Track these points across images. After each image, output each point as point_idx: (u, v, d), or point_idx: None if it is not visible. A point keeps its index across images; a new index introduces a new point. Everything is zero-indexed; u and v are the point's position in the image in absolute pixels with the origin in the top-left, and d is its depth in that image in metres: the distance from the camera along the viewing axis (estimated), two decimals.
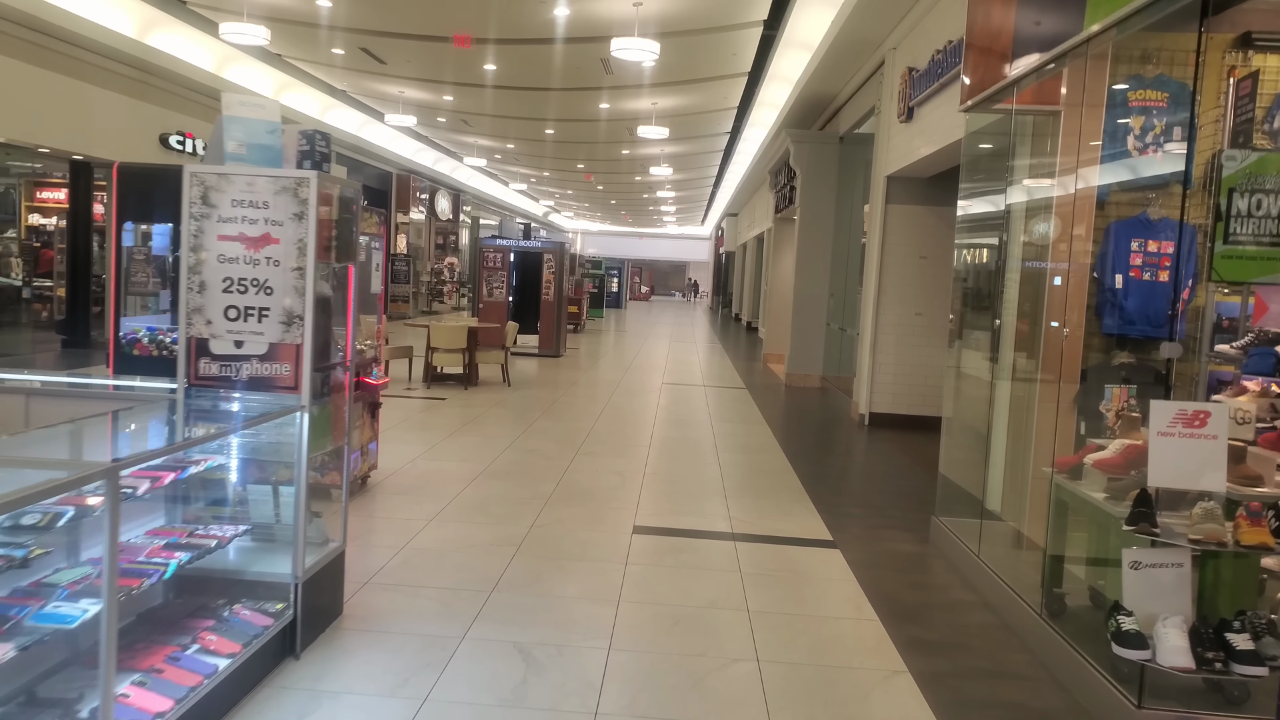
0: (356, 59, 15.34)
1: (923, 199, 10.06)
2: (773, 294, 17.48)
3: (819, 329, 13.61)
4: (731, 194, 28.66)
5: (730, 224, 34.62)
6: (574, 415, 9.77)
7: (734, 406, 11.23)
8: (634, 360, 16.64)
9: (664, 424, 9.52)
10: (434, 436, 8.03)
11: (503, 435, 8.29)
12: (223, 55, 14.75)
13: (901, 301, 10.19)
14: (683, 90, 16.28)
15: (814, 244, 13.57)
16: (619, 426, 9.21)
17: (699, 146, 22.87)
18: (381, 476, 6.42)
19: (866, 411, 10.21)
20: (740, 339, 24.35)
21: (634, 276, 55.73)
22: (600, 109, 18.16)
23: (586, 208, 45.75)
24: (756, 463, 7.79)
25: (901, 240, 10.19)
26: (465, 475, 6.63)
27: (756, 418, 10.29)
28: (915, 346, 10.14)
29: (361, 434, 5.99)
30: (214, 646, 3.02)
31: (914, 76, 8.91)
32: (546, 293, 15.83)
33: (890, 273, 10.21)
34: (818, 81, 12.35)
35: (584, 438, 8.38)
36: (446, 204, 29.65)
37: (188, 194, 3.39)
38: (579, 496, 6.25)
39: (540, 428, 8.85)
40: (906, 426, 9.93)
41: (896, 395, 10.18)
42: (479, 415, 9.33)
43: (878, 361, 10.21)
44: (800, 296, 13.69)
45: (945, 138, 7.75)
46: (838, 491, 7.02)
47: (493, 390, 11.25)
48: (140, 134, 13.18)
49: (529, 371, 13.72)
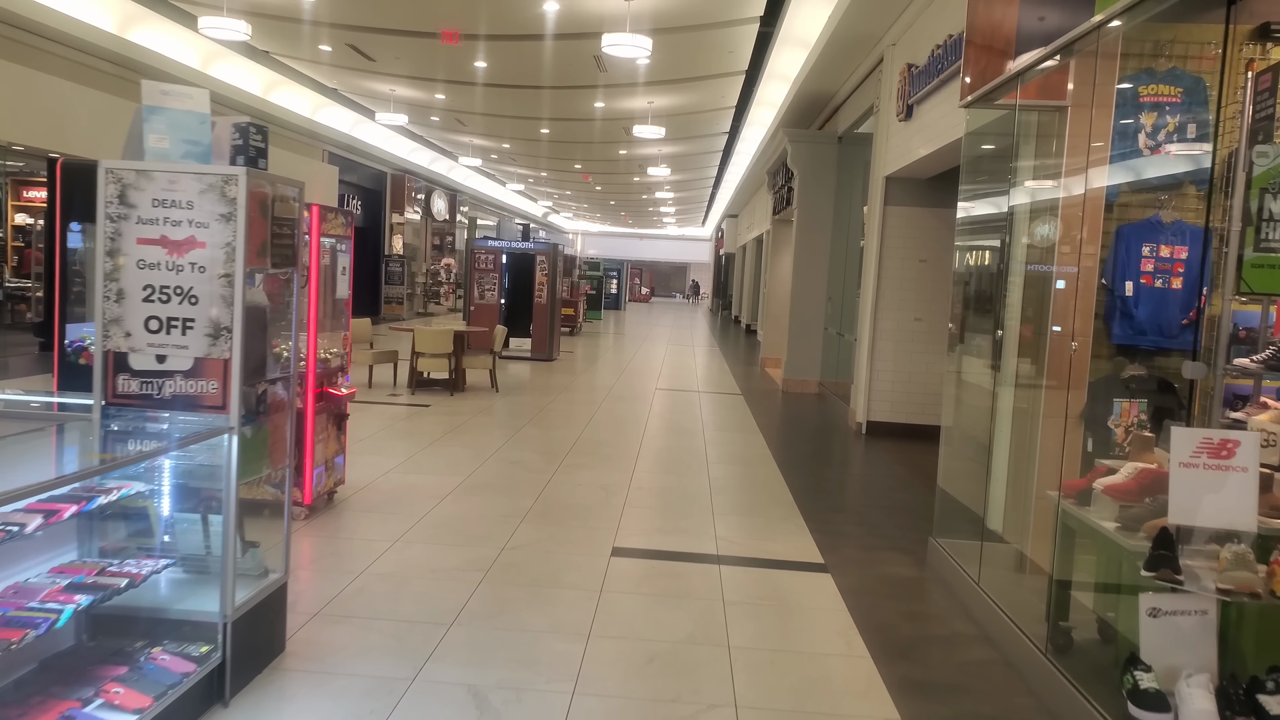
0: (345, 56, 15.03)
1: (922, 200, 9.73)
2: (771, 297, 17.16)
3: (817, 334, 13.28)
4: (731, 195, 28.34)
5: (730, 225, 34.30)
6: (562, 423, 9.44)
7: (728, 414, 10.91)
8: (629, 364, 16.32)
9: (655, 432, 9.19)
10: (412, 447, 7.70)
11: (485, 445, 7.97)
12: (208, 52, 14.45)
13: (900, 306, 9.86)
14: (679, 89, 15.96)
15: (812, 246, 13.24)
16: (608, 435, 8.88)
17: (697, 147, 22.55)
18: (350, 492, 6.10)
19: (864, 420, 9.88)
20: (739, 342, 24.03)
21: (634, 278, 55.43)
22: (595, 108, 17.84)
23: (586, 209, 45.44)
24: (749, 475, 7.46)
25: (900, 243, 9.86)
26: (439, 490, 6.30)
27: (751, 426, 9.96)
28: (914, 353, 9.81)
29: (327, 447, 5.68)
30: (119, 701, 2.69)
31: (913, 73, 8.59)
32: (539, 295, 15.50)
33: (889, 276, 9.88)
34: (815, 79, 12.03)
35: (570, 448, 8.06)
36: (443, 204, 29.34)
37: (103, 192, 3.08)
38: (558, 514, 5.93)
39: (526, 437, 8.52)
40: (905, 436, 9.60)
41: (895, 403, 9.85)
42: (462, 423, 9.01)
43: (876, 368, 9.88)
44: (798, 300, 13.36)
45: (945, 136, 7.42)
46: (832, 507, 6.69)
47: (480, 396, 10.93)
48: (121, 132, 12.82)
49: (520, 376, 13.40)
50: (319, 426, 5.54)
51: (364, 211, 23.93)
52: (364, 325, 11.54)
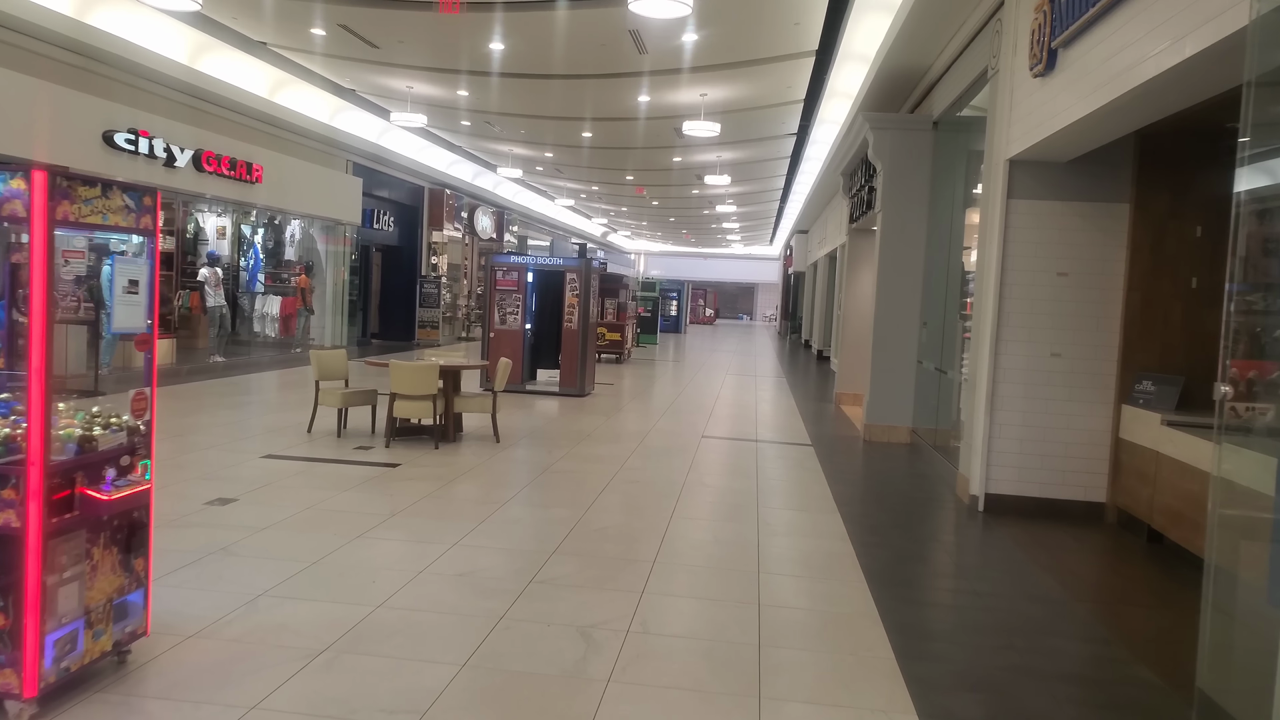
0: (342, 42, 12.97)
1: (1063, 191, 7.07)
2: (847, 321, 14.48)
3: (907, 368, 10.58)
4: (800, 207, 25.70)
5: (800, 242, 31.58)
6: (565, 494, 7.00)
7: (794, 479, 8.31)
8: (676, 400, 13.80)
9: (689, 512, 6.67)
10: (323, 544, 5.33)
11: (437, 537, 5.56)
12: (197, 44, 12.55)
13: (1031, 337, 7.17)
14: (736, 76, 13.49)
15: (900, 258, 10.59)
16: (620, 518, 6.39)
17: (760, 152, 20.02)
18: (163, 646, 3.73)
19: (981, 492, 7.19)
20: (809, 371, 21.30)
21: (697, 299, 52.98)
22: (639, 103, 15.50)
23: (645, 226, 43.17)
24: (822, 605, 4.88)
25: (1031, 250, 7.19)
26: (316, 638, 3.90)
27: (824, 501, 7.35)
28: (1052, 401, 7.11)
29: (93, 586, 3.33)
30: None
31: (1056, 5, 5.97)
32: (568, 319, 13.12)
33: (1015, 296, 7.21)
34: (903, 51, 9.46)
35: (559, 542, 5.60)
36: (489, 221, 27.35)
37: None
38: (494, 699, 3.46)
39: (504, 520, 6.09)
40: (1043, 516, 6.90)
41: (1026, 470, 7.14)
42: (426, 496, 6.63)
43: (998, 421, 7.20)
44: (882, 325, 10.70)
45: (1124, 80, 4.80)
46: (962, 678, 4.06)
47: (473, 449, 8.56)
48: (80, 130, 10.96)
49: (538, 417, 11.02)
50: (66, 554, 3.20)
51: (398, 229, 22.01)
52: (337, 358, 9.31)
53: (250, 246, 16.21)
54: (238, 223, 16.94)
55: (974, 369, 7.62)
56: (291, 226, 17.89)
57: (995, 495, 7.18)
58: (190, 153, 12.74)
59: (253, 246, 16.25)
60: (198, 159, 12.91)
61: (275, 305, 17.82)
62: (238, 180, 13.95)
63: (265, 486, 6.63)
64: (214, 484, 6.60)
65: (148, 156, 11.87)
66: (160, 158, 12.11)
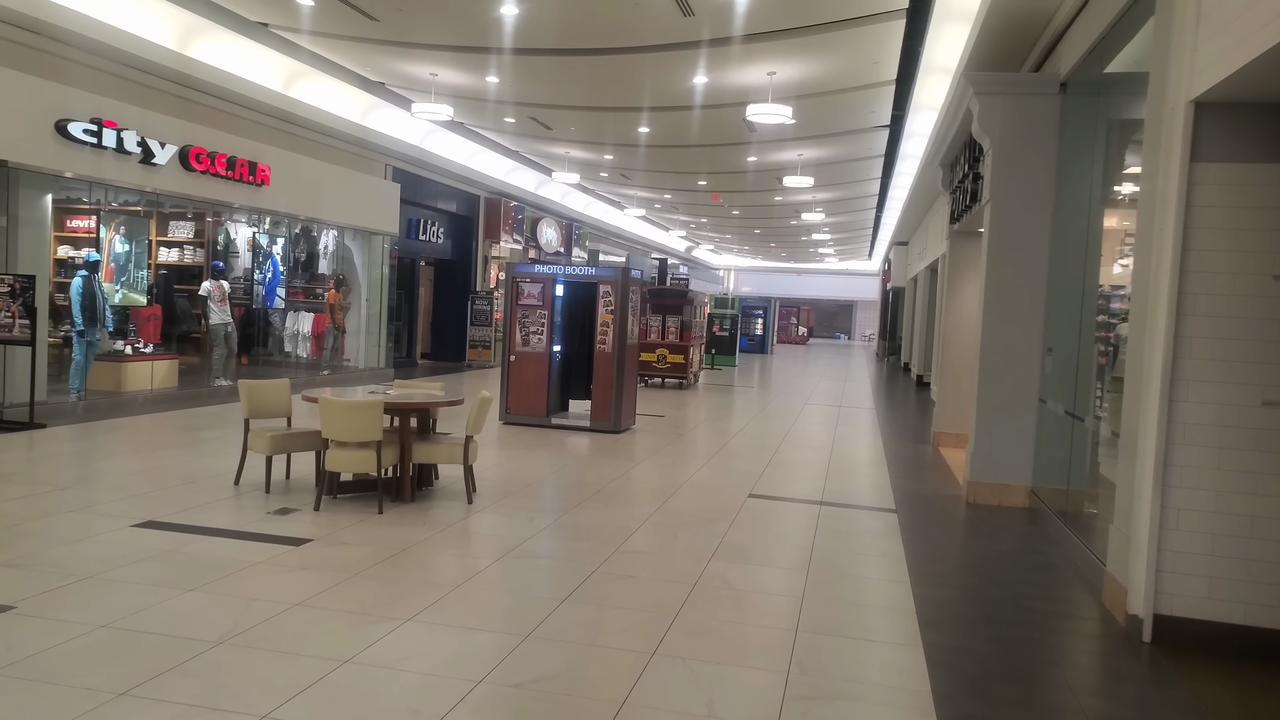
0: (346, 21, 11.20)
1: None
2: (947, 345, 11.85)
3: (1026, 408, 7.98)
4: (898, 216, 22.98)
5: (899, 254, 28.67)
6: (509, 600, 4.80)
7: (861, 572, 5.89)
8: (731, 439, 11.44)
9: (682, 645, 4.36)
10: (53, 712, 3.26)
11: (247, 698, 3.43)
12: (187, 25, 10.99)
13: (1229, 376, 4.63)
14: (809, 47, 11.14)
15: (1016, 263, 8.03)
16: (568, 661, 4.13)
17: (848, 149, 17.50)
18: None
19: (1148, 612, 4.66)
20: (907, 400, 18.55)
21: (788, 317, 50.21)
22: (695, 85, 13.27)
23: (730, 240, 40.76)
24: None
25: (1227, 241, 4.66)
26: None
27: (900, 615, 4.92)
28: (1265, 475, 4.54)
29: None
30: None
31: None
32: (601, 341, 10.95)
33: (1201, 313, 4.68)
34: None
35: (444, 715, 3.39)
36: (554, 234, 25.53)
37: None
38: None
39: (379, 660, 3.92)
40: (1253, 657, 4.33)
41: (1221, 582, 4.58)
42: (301, 601, 4.52)
43: (1174, 504, 4.66)
44: (991, 352, 8.14)
45: None
46: None
47: (433, 512, 6.47)
48: (26, 119, 9.43)
49: (553, 461, 8.85)
50: None
51: (450, 240, 20.34)
52: (276, 389, 7.38)
53: (267, 257, 14.62)
54: (254, 232, 15.44)
55: (1133, 423, 5.08)
56: (325, 238, 16.34)
57: (1171, 618, 4.64)
58: (174, 149, 11.16)
59: (269, 257, 14.65)
60: (184, 156, 11.33)
61: (307, 323, 16.29)
62: (238, 182, 12.34)
63: (83, 580, 4.66)
64: (19, 574, 4.68)
65: (116, 151, 10.30)
66: (133, 153, 10.54)
